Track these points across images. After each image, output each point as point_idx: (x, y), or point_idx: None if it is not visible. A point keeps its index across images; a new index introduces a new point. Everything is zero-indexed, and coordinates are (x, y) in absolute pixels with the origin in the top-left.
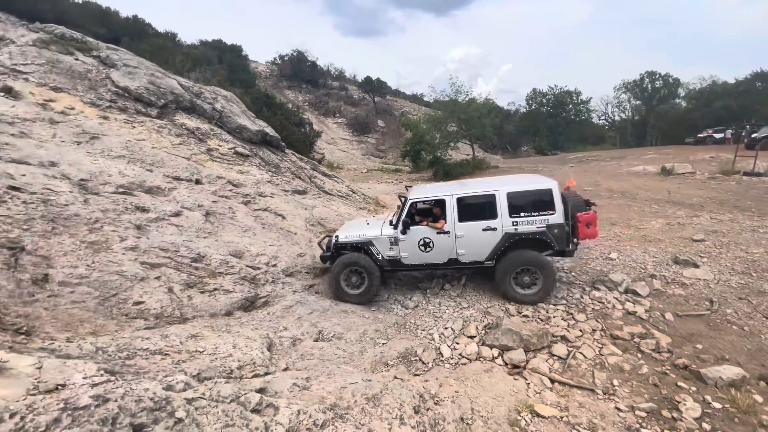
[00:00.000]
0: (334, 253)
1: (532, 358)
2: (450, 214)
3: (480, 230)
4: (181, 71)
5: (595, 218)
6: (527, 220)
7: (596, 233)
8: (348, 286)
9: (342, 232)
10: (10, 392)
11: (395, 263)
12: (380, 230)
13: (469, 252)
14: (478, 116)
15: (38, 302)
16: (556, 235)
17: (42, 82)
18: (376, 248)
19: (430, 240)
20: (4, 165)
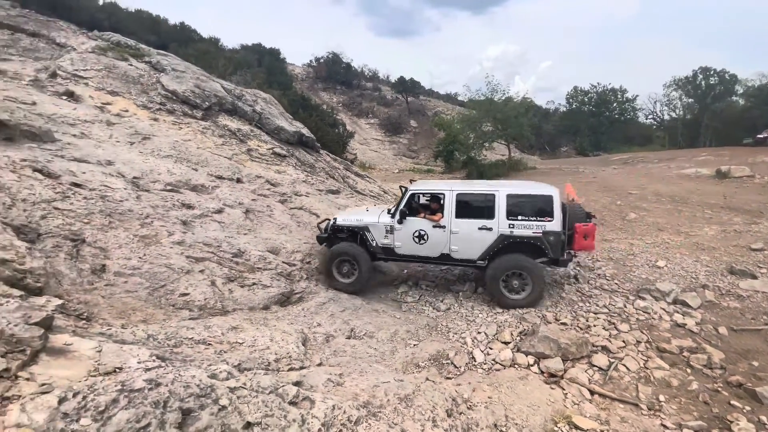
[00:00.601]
0: (331, 235)
1: (571, 368)
2: (448, 209)
3: (476, 228)
4: (223, 75)
5: (594, 231)
6: (524, 224)
7: (593, 246)
8: (339, 275)
9: (340, 216)
10: (73, 373)
11: (389, 252)
12: (377, 218)
13: (463, 249)
14: (515, 115)
15: (96, 290)
16: (551, 242)
17: (100, 86)
18: (372, 235)
19: (425, 233)
20: (67, 163)
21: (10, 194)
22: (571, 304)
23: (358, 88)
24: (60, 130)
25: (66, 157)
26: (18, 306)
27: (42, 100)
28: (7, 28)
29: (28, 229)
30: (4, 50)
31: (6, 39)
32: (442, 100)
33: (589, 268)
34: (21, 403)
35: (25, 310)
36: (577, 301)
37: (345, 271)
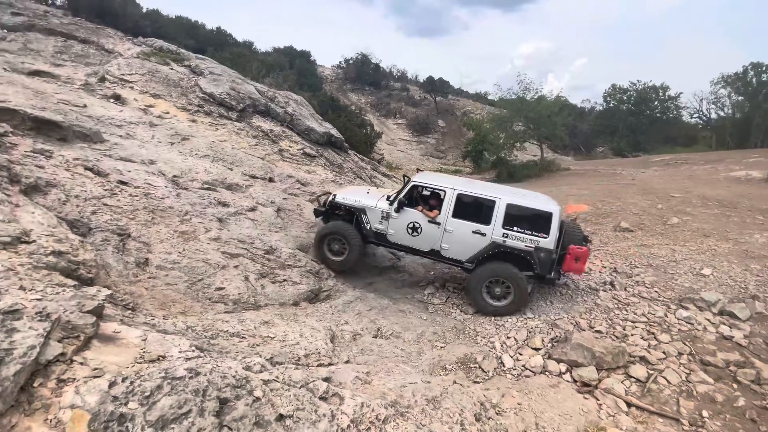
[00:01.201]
0: (328, 210)
1: (606, 378)
2: (446, 207)
3: (470, 231)
4: (257, 77)
5: (587, 255)
6: (518, 236)
7: (583, 269)
8: (330, 252)
9: (341, 193)
10: (121, 359)
11: (381, 237)
12: (376, 202)
13: (453, 249)
14: (548, 115)
15: (140, 282)
16: (541, 258)
17: (144, 89)
18: (367, 218)
19: (420, 226)
20: (114, 162)
21: (65, 191)
22: (606, 311)
23: (386, 88)
24: (108, 131)
25: (113, 156)
26: (73, 295)
27: (92, 102)
28: (60, 35)
29: (80, 224)
30: (58, 56)
31: (60, 45)
32: (471, 100)
33: (626, 275)
34: (75, 385)
35: (79, 298)
36: (613, 308)
37: (335, 249)
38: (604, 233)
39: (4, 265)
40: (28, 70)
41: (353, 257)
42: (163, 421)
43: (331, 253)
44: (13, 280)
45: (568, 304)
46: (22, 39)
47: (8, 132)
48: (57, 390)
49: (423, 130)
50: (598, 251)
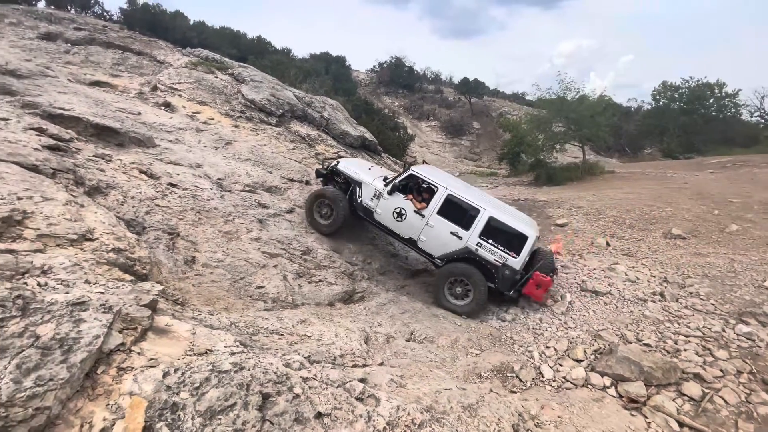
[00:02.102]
0: (328, 174)
1: (655, 395)
2: (434, 203)
3: (449, 231)
4: (294, 83)
5: (548, 286)
6: (490, 248)
7: (541, 297)
8: (319, 216)
9: (344, 162)
10: (173, 351)
11: (368, 214)
12: (372, 180)
13: (429, 243)
14: (591, 115)
15: (188, 279)
16: (505, 275)
17: (191, 97)
18: (361, 191)
19: (405, 213)
20: (165, 166)
21: (122, 192)
22: (656, 323)
23: (419, 91)
24: (159, 137)
25: (164, 160)
26: (131, 289)
27: (145, 110)
28: (118, 48)
29: (136, 223)
30: (116, 67)
31: (117, 57)
32: (508, 100)
33: (678, 285)
34: (134, 374)
35: (136, 293)
36: (664, 320)
37: (324, 212)
38: (652, 240)
39: (71, 260)
40: (90, 80)
41: (337, 224)
42: (211, 411)
43: (319, 215)
44: (80, 274)
45: (612, 315)
46: (84, 52)
47: (74, 138)
48: (117, 377)
49: (457, 132)
50: (646, 259)
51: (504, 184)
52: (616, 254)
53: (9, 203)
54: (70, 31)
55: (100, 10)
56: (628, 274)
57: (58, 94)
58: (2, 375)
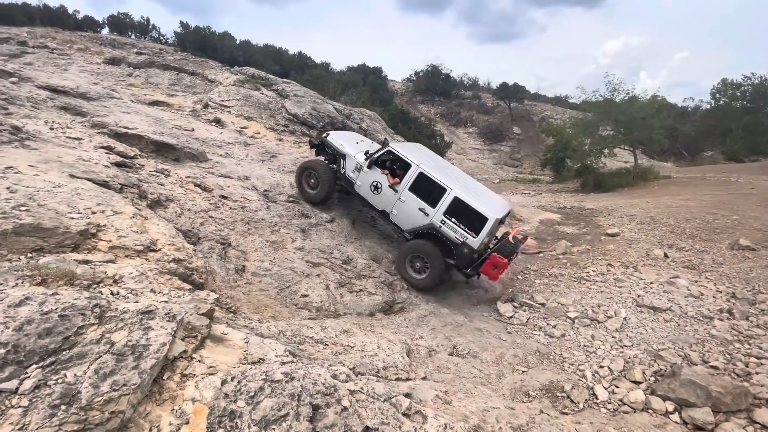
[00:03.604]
0: (319, 144)
1: (724, 422)
2: (407, 180)
3: (417, 207)
4: (333, 96)
5: (504, 267)
6: (453, 227)
7: (496, 277)
8: (308, 186)
9: (333, 134)
10: (229, 359)
11: (350, 185)
12: (356, 153)
13: (399, 216)
14: (642, 116)
15: (239, 287)
16: (463, 253)
17: (239, 113)
18: (344, 163)
19: (381, 186)
20: (216, 179)
21: (180, 205)
22: (724, 344)
23: (456, 98)
24: (210, 151)
25: (215, 173)
26: (190, 298)
27: (198, 126)
28: (174, 69)
29: (192, 234)
30: (172, 87)
31: (173, 78)
32: (550, 104)
33: (748, 302)
34: (195, 381)
35: (196, 302)
36: (733, 341)
37: (311, 183)
38: (717, 251)
39: (138, 270)
40: (149, 100)
41: (323, 193)
42: (265, 421)
43: (308, 186)
44: (146, 283)
45: (674, 333)
46: (145, 74)
47: (137, 155)
48: (181, 384)
49: (496, 138)
50: (711, 272)
51: (548, 191)
52: (675, 267)
53: (85, 217)
54: (132, 55)
55: (157, 34)
56: (691, 289)
57: (122, 114)
58: (82, 380)
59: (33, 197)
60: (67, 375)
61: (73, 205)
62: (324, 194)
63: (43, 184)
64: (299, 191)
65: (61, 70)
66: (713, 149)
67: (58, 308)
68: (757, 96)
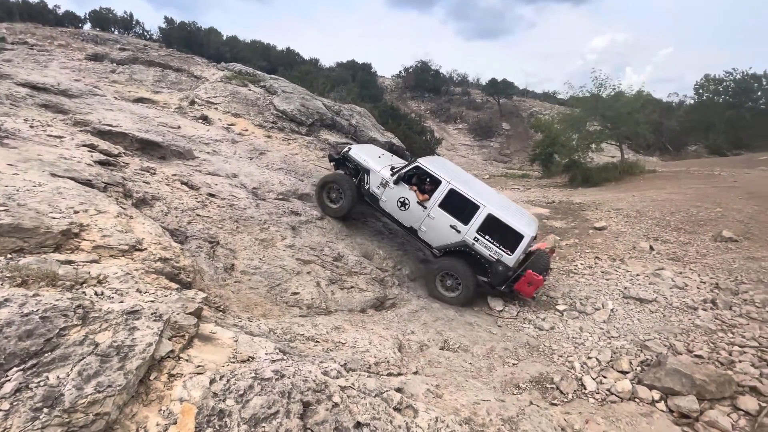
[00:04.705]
0: (340, 159)
1: (708, 409)
2: (437, 196)
3: (448, 224)
4: (322, 92)
5: (539, 284)
6: (486, 244)
7: (531, 294)
8: (328, 200)
9: (355, 148)
10: (217, 358)
11: (374, 200)
12: (380, 168)
13: (429, 234)
14: (628, 112)
15: (228, 286)
16: (498, 271)
17: (226, 110)
18: (368, 179)
19: (409, 203)
20: (203, 176)
21: (166, 203)
22: (707, 333)
23: (446, 94)
24: (198, 149)
25: (203, 171)
26: (178, 297)
27: (184, 124)
28: (158, 66)
29: (179, 232)
30: (157, 84)
31: (158, 75)
32: (538, 100)
33: (731, 292)
34: (183, 380)
35: (183, 301)
36: (716, 330)
37: (333, 197)
38: (701, 243)
39: (124, 270)
40: (134, 97)
41: (346, 208)
42: (255, 419)
43: (328, 199)
44: (131, 283)
45: (659, 324)
46: (128, 71)
47: (121, 152)
48: (168, 383)
49: (485, 134)
50: (695, 264)
51: (537, 186)
52: (661, 259)
53: (67, 216)
54: (115, 51)
55: (141, 30)
56: (676, 280)
57: (106, 112)
58: (65, 382)
59: (12, 197)
60: (50, 377)
61: (54, 205)
62: (347, 209)
63: (23, 184)
64: (319, 205)
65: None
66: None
67: (39, 310)
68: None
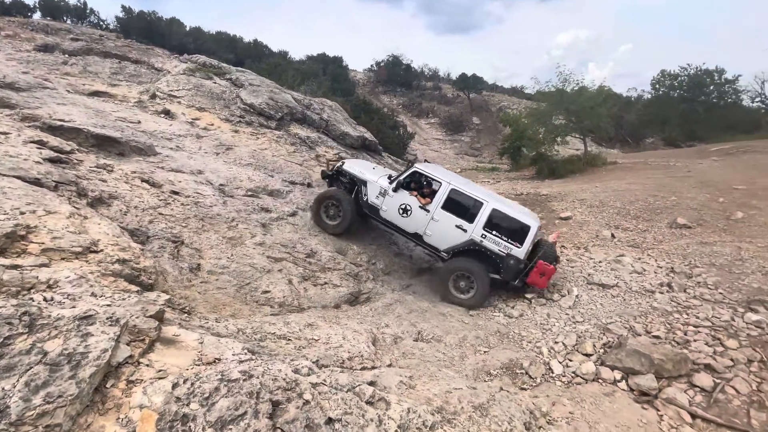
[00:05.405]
0: (333, 175)
1: (666, 387)
2: (438, 198)
3: (453, 225)
4: (292, 85)
5: (551, 274)
6: (495, 240)
7: (545, 285)
8: (326, 217)
9: (348, 162)
10: (181, 361)
11: (374, 211)
12: (377, 178)
13: (435, 237)
14: (591, 106)
15: (194, 287)
16: (509, 265)
17: (190, 103)
18: (366, 190)
19: (410, 209)
20: (166, 173)
21: (125, 202)
22: (664, 315)
23: (418, 88)
24: (160, 145)
25: (165, 168)
26: (137, 300)
27: (145, 118)
28: (115, 57)
29: (140, 232)
30: (114, 77)
31: (115, 67)
32: (507, 95)
33: (685, 275)
34: (143, 386)
35: (143, 304)
36: (672, 312)
37: (331, 213)
38: (658, 230)
39: (77, 273)
40: (89, 91)
41: (345, 224)
42: (221, 421)
43: (326, 216)
44: (85, 287)
45: (620, 307)
46: (82, 62)
47: (75, 149)
48: (127, 390)
49: (457, 128)
50: (652, 250)
51: (506, 179)
52: (621, 246)
53: (12, 218)
54: (67, 41)
55: (96, 19)
56: (635, 266)
57: (57, 106)
58: (11, 393)
59: None
60: None
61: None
62: (347, 224)
63: None
64: (316, 223)
65: None
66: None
67: None
68: (692, 86)
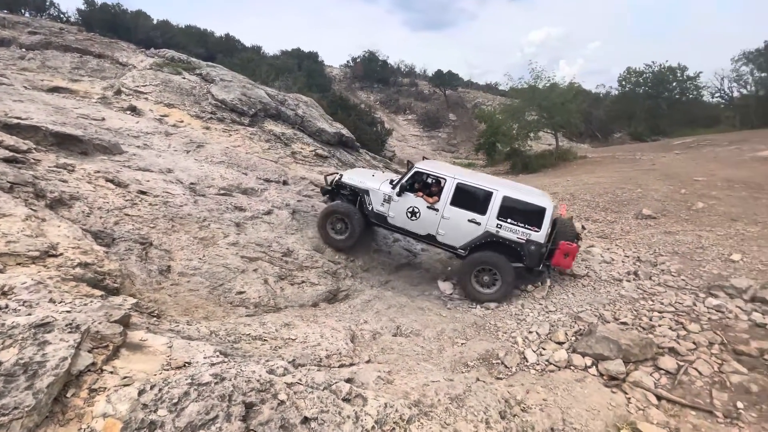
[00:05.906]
0: (333, 189)
1: (633, 371)
2: (445, 195)
3: (466, 219)
4: (266, 81)
5: (576, 252)
6: (511, 228)
7: (570, 265)
8: (333, 232)
9: (347, 174)
10: (149, 367)
11: (381, 219)
12: (379, 185)
13: (448, 235)
14: (562, 102)
15: (164, 289)
16: (531, 251)
17: (158, 100)
18: (370, 199)
19: (419, 211)
20: (133, 173)
21: (88, 203)
22: (631, 302)
23: (394, 85)
24: (126, 143)
25: (132, 167)
26: (101, 305)
27: (109, 115)
28: (76, 51)
29: (104, 234)
30: (75, 72)
31: (76, 61)
32: (481, 91)
33: (651, 264)
34: (107, 394)
35: (107, 309)
36: (638, 299)
37: (338, 228)
38: (625, 221)
39: (33, 279)
40: (48, 87)
41: (355, 237)
42: (191, 427)
43: (333, 231)
44: (43, 293)
45: (590, 296)
46: (40, 57)
47: (32, 148)
48: (89, 399)
49: (433, 124)
50: (620, 240)
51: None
52: (591, 237)
53: None
54: (25, 35)
55: (56, 12)
56: (604, 256)
57: (13, 103)
58: None
59: None
60: None
61: None
62: (355, 238)
63: None
64: (323, 238)
65: None
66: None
67: None
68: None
